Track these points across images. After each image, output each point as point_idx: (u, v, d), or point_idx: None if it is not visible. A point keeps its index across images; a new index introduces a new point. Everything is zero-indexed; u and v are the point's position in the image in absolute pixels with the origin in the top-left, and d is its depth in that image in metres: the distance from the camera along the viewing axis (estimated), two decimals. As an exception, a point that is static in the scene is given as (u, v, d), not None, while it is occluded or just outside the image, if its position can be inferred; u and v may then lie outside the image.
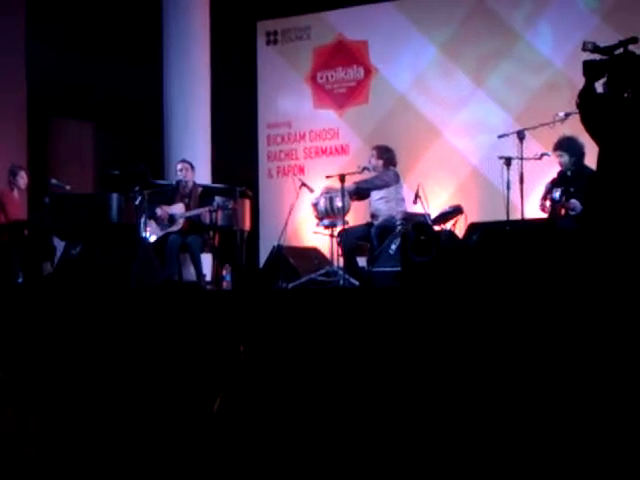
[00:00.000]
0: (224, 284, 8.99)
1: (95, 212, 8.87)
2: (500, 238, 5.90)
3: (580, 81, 5.38)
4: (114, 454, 4.49)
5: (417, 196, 8.37)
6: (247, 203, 9.60)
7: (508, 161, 7.74)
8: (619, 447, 3.69)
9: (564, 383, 3.86)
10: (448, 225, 8.51)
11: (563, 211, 7.58)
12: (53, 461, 4.47)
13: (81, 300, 5.42)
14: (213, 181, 10.40)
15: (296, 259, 8.68)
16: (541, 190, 7.91)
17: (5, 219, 9.01)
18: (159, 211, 8.88)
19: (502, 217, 7.78)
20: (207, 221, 8.85)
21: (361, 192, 8.64)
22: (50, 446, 4.50)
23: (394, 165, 8.74)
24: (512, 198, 7.72)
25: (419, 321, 4.35)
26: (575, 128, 6.59)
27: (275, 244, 8.79)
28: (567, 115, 7.41)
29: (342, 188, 8.28)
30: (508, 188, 7.70)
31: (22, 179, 9.23)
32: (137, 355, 4.83)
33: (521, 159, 7.69)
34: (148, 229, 8.77)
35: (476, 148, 10.30)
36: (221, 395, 4.36)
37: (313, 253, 9.24)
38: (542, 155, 7.94)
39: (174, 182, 9.16)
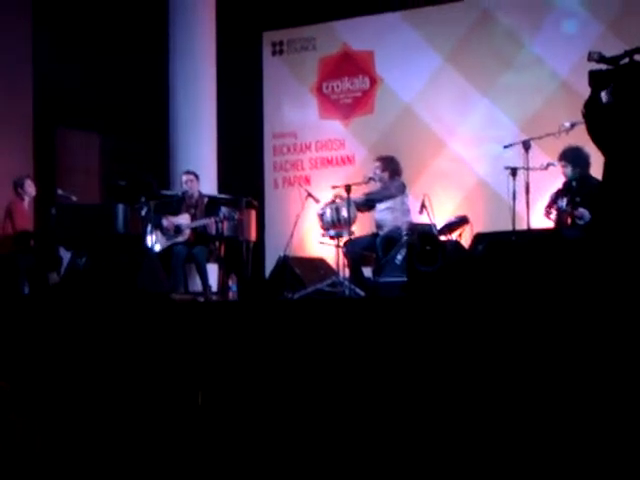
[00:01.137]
0: (230, 294, 9.00)
1: (101, 223, 8.87)
2: (506, 248, 5.89)
3: (585, 91, 5.38)
4: (115, 462, 4.49)
5: (423, 206, 8.37)
6: (253, 213, 9.60)
7: (514, 171, 7.73)
8: (620, 453, 3.68)
9: (571, 392, 3.85)
10: (454, 235, 8.52)
11: (569, 220, 7.57)
12: (56, 469, 4.47)
13: (87, 310, 5.42)
14: (219, 191, 10.41)
15: (302, 269, 8.68)
16: (547, 200, 7.91)
17: (12, 229, 9.03)
18: (165, 222, 8.89)
19: (508, 227, 7.77)
20: (213, 231, 8.86)
21: (370, 204, 8.64)
22: (53, 454, 4.50)
23: (399, 175, 8.74)
24: (518, 208, 7.71)
25: (425, 332, 4.35)
26: (581, 138, 6.58)
27: (281, 254, 8.79)
28: (572, 125, 7.41)
29: (348, 199, 8.28)
30: (514, 198, 7.69)
31: (30, 187, 9.26)
32: (141, 364, 4.83)
33: (527, 169, 7.69)
34: (154, 240, 8.78)
35: (482, 158, 10.30)
36: (201, 390, 4.37)
37: (319, 263, 9.23)
38: (548, 165, 7.93)
39: (180, 193, 9.17)
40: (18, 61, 10.66)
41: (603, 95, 5.27)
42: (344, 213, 8.35)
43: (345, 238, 8.41)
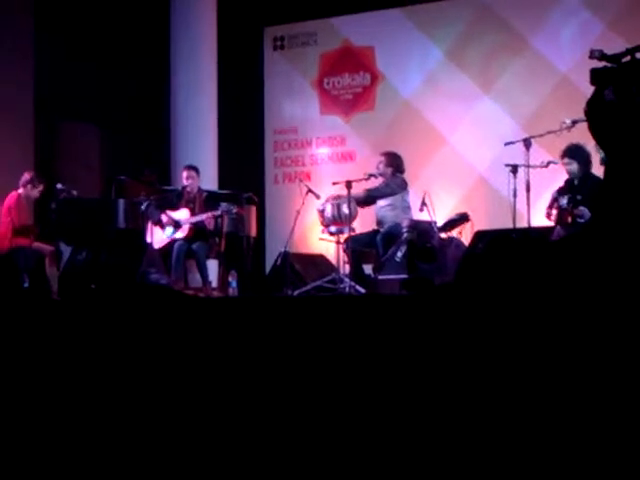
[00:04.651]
0: (230, 290, 9.00)
1: (102, 217, 8.87)
2: (506, 246, 5.88)
3: (587, 88, 5.36)
4: (113, 453, 4.49)
5: (423, 203, 8.36)
6: (253, 209, 9.59)
7: (514, 169, 7.72)
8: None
9: (571, 393, 3.85)
10: (454, 233, 8.51)
11: (570, 218, 7.56)
12: (51, 463, 4.47)
13: (86, 305, 5.41)
14: (220, 187, 10.40)
15: (302, 266, 8.68)
16: (547, 198, 7.90)
17: (12, 224, 8.99)
18: (164, 217, 8.88)
19: (508, 225, 7.76)
20: (211, 227, 8.85)
21: (370, 200, 8.64)
22: (49, 453, 4.50)
23: (401, 172, 8.73)
24: (518, 206, 7.70)
25: (425, 329, 4.34)
26: (582, 135, 6.57)
27: (281, 250, 8.78)
28: (574, 122, 7.38)
29: (349, 195, 8.27)
30: (514, 196, 7.68)
31: (39, 192, 9.09)
32: (138, 359, 4.82)
33: (527, 167, 7.68)
34: (154, 235, 8.77)
35: (482, 155, 10.29)
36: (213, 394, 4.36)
37: (319, 260, 9.23)
38: (549, 163, 7.92)
39: (179, 188, 9.17)
40: (19, 55, 10.64)
41: (606, 93, 5.27)
42: (345, 209, 8.34)
43: (345, 235, 8.40)
